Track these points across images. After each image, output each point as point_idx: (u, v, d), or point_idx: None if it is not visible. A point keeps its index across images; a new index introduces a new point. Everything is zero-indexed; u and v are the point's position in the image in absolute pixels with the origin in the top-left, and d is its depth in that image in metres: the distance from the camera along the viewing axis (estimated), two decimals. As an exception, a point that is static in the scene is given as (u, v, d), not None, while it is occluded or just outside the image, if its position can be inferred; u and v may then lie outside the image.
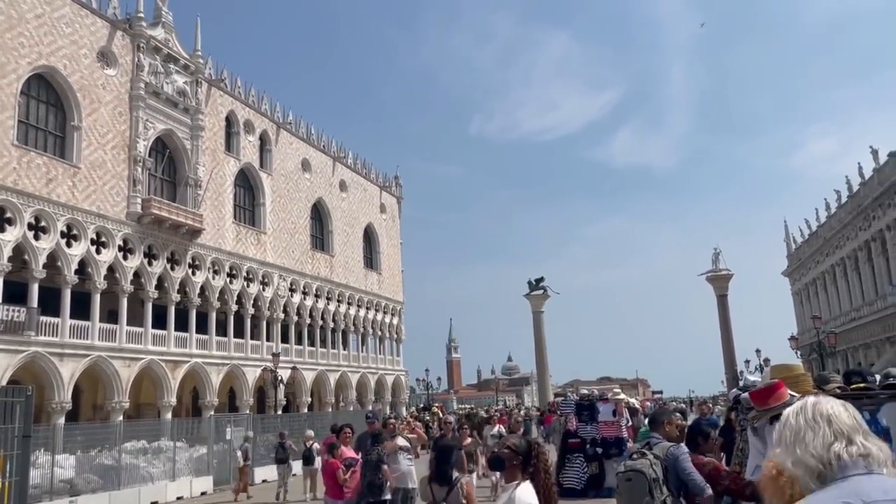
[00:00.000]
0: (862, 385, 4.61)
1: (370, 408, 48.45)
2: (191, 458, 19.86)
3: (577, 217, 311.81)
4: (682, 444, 5.01)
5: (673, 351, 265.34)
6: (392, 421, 10.90)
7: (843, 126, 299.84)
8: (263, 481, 21.32)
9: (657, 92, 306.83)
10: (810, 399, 1.74)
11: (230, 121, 41.60)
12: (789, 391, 4.48)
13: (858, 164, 46.02)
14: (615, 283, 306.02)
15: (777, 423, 4.49)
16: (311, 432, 18.72)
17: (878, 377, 4.72)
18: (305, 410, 42.32)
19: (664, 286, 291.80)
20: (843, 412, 1.66)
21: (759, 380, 5.14)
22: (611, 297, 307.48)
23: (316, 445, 16.83)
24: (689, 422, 6.91)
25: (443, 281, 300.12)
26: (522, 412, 40.12)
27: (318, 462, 15.96)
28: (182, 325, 35.79)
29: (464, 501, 5.64)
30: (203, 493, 19.32)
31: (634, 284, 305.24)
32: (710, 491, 4.82)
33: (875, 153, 42.77)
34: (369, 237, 57.06)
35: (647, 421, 5.94)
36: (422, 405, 48.64)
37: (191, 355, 35.85)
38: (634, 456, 4.86)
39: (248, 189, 43.30)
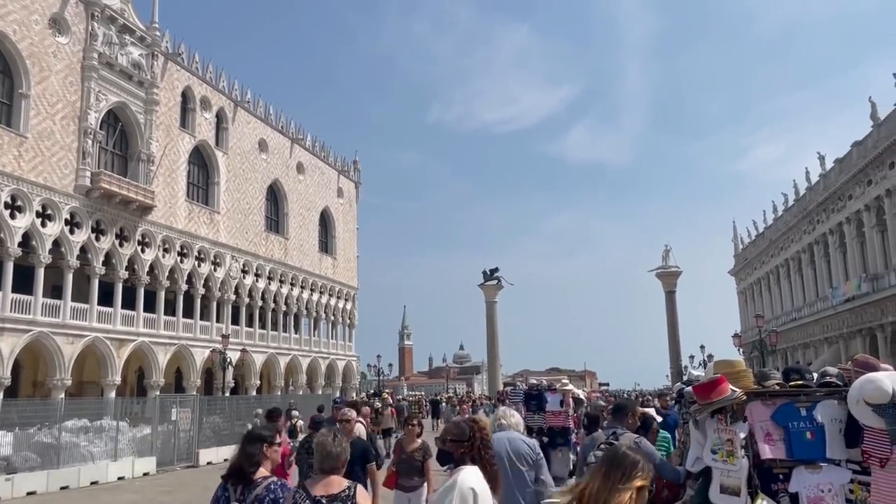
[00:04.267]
0: (800, 382, 4.77)
1: (319, 392, 48.27)
2: (134, 438, 19.51)
3: (532, 210, 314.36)
4: (644, 438, 5.15)
5: (621, 344, 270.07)
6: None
7: (791, 131, 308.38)
8: (209, 463, 21.10)
9: (613, 90, 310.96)
10: None
11: (186, 96, 40.67)
12: (731, 386, 4.64)
13: (806, 168, 47.55)
14: (567, 276, 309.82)
15: (718, 416, 4.62)
16: (296, 412, 18.70)
17: (815, 375, 4.90)
18: (254, 393, 41.90)
19: (615, 281, 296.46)
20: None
21: (703, 374, 5.30)
22: (562, 290, 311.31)
23: (300, 423, 16.72)
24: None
25: (398, 268, 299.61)
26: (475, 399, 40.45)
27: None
28: (129, 303, 35.02)
29: None
30: (146, 474, 19.02)
31: (586, 278, 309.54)
32: (681, 478, 4.96)
33: (822, 159, 44.19)
34: (325, 221, 56.58)
35: (611, 411, 6.08)
36: (372, 391, 48.61)
37: (137, 334, 35.13)
38: (603, 446, 4.96)
39: (202, 167, 42.47)
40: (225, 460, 21.72)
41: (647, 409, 7.96)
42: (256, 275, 46.13)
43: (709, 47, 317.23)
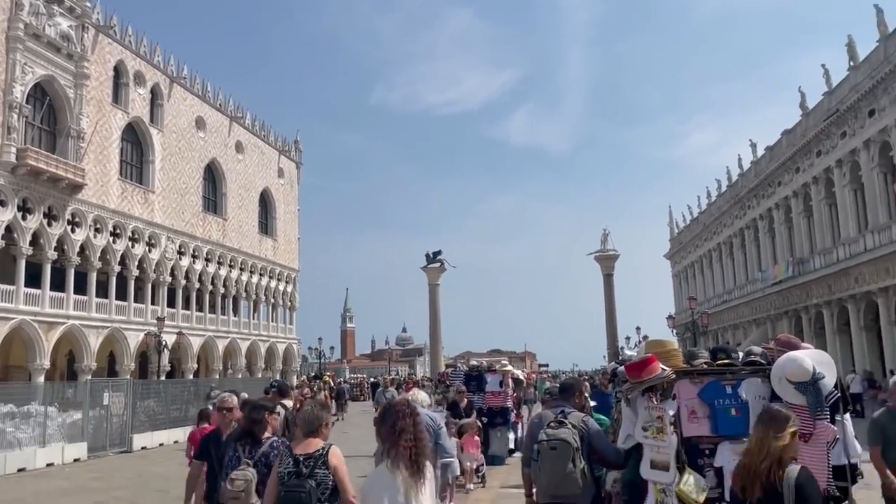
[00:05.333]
0: (726, 361, 4.95)
1: (259, 375, 47.65)
2: (63, 424, 18.89)
3: (475, 193, 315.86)
4: (591, 417, 5.24)
5: (560, 326, 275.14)
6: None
7: (725, 119, 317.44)
8: (143, 448, 20.64)
9: (555, 75, 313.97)
10: None
11: (119, 71, 39.16)
12: (661, 365, 4.77)
13: (738, 155, 49.03)
14: (509, 259, 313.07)
15: (649, 394, 4.75)
16: (217, 390, 18.23)
17: (740, 354, 5.08)
18: (191, 377, 41.08)
19: (554, 264, 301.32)
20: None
21: (635, 354, 5.43)
22: (504, 273, 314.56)
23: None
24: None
25: (340, 250, 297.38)
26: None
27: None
28: (58, 284, 33.76)
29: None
30: (76, 460, 18.47)
31: (527, 261, 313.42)
32: (622, 461, 5.08)
33: (754, 146, 45.66)
34: (265, 202, 55.59)
35: (558, 389, 6.19)
36: (313, 374, 48.27)
37: (67, 317, 33.94)
38: (553, 425, 5.02)
39: (136, 144, 41.08)
40: (161, 445, 21.32)
41: None
42: (193, 256, 45.07)
43: (647, 35, 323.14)
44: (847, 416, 4.87)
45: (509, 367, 17.03)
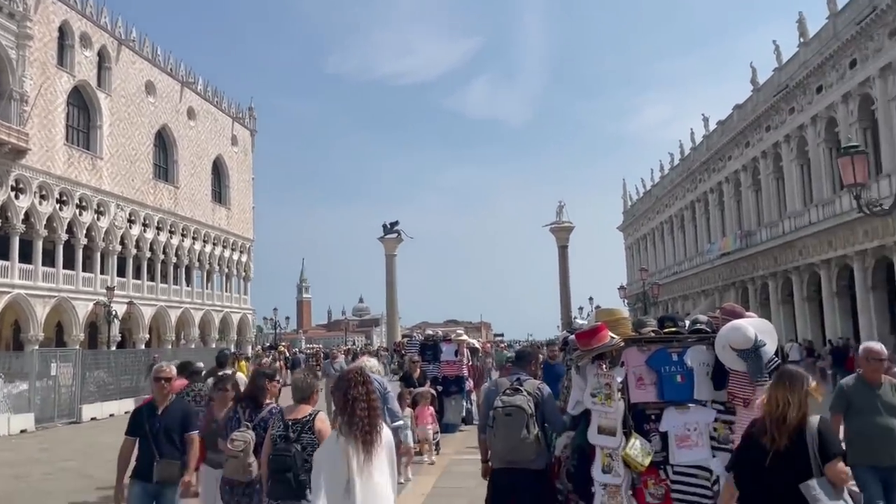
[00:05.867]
0: (673, 329, 5.09)
1: (213, 346, 47.16)
2: (9, 395, 18.47)
3: (432, 164, 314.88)
4: (546, 385, 5.36)
5: (515, 297, 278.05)
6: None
7: (679, 93, 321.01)
8: (93, 419, 20.34)
9: (513, 46, 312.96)
10: None
11: (64, 32, 37.65)
12: (610, 333, 4.89)
13: (691, 130, 49.80)
14: (465, 230, 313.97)
15: (598, 362, 4.86)
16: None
17: (687, 323, 5.23)
18: (143, 347, 40.43)
19: (510, 235, 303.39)
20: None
21: (586, 323, 5.56)
22: (461, 244, 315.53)
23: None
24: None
25: (296, 220, 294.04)
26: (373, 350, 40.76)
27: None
28: (2, 253, 32.73)
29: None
30: (23, 431, 18.11)
31: (483, 232, 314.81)
32: (565, 429, 5.22)
33: (706, 121, 46.39)
34: (219, 170, 54.51)
35: (514, 357, 6.30)
36: (268, 344, 47.98)
37: (12, 286, 32.96)
38: (508, 392, 5.11)
39: (83, 109, 39.73)
40: (111, 415, 21.00)
41: None
42: (144, 225, 44.07)
43: (604, 7, 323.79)
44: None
45: (464, 337, 17.17)
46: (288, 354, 36.74)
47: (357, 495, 3.57)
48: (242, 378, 10.59)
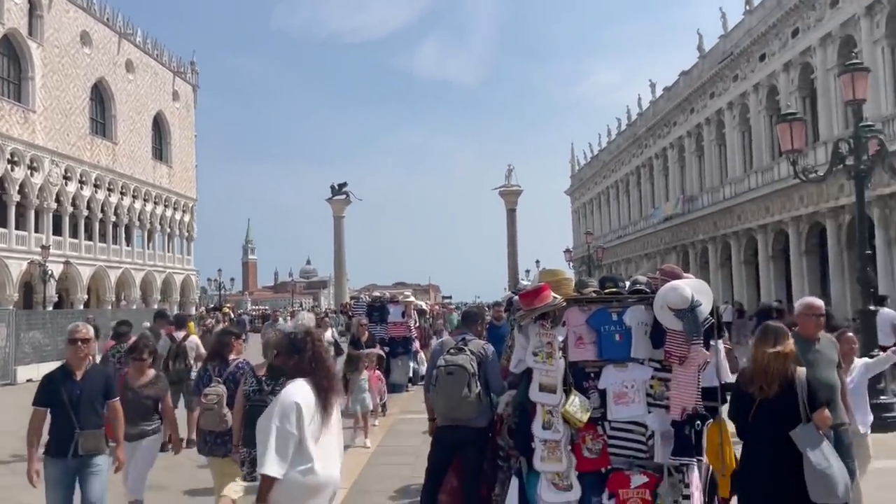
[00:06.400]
0: (613, 290, 5.20)
1: (155, 307, 46.22)
2: (-62, 357, 17.85)
3: (382, 125, 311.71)
4: (490, 345, 5.43)
5: (464, 259, 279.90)
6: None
7: (627, 59, 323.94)
8: (28, 381, 19.84)
9: (464, 6, 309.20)
10: None
11: (-11, -25, 35.60)
12: (553, 293, 4.96)
13: (638, 95, 50.32)
14: (415, 192, 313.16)
15: (541, 321, 4.93)
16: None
17: (627, 283, 5.35)
18: (81, 308, 39.36)
19: (460, 198, 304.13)
20: None
21: (529, 284, 5.63)
22: (410, 206, 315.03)
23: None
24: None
25: (241, 179, 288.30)
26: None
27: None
28: (-73, 209, 31.25)
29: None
30: (-46, 395, 17.55)
31: (432, 195, 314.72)
32: (504, 392, 5.31)
33: (653, 87, 46.91)
34: (159, 126, 52.79)
35: (460, 318, 6.40)
36: (212, 306, 47.27)
37: (-61, 244, 31.58)
38: (452, 351, 5.17)
39: (12, 59, 37.79)
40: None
41: None
42: (81, 182, 42.55)
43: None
44: (721, 341, 5.26)
45: (412, 299, 17.27)
46: (233, 316, 36.32)
47: (318, 450, 3.51)
48: (195, 340, 10.50)
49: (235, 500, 5.69)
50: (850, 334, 6.00)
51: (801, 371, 4.12)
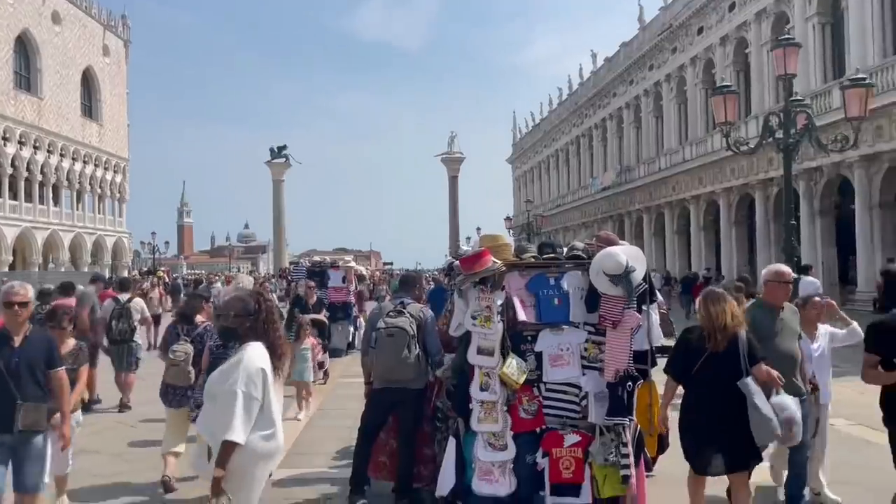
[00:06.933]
0: (551, 255, 5.32)
1: (85, 269, 44.78)
2: None
3: (324, 88, 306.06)
4: (429, 308, 5.47)
5: (405, 226, 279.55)
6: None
7: (570, 28, 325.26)
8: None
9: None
10: None
11: None
12: (493, 258, 5.05)
13: (579, 65, 50.71)
14: (356, 157, 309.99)
15: (481, 286, 5.01)
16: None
17: (564, 249, 5.48)
18: (6, 270, 37.78)
19: (402, 164, 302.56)
20: None
21: (470, 249, 5.70)
22: (352, 172, 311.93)
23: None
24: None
25: (176, 140, 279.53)
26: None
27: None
28: None
29: None
30: None
31: (374, 160, 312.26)
32: (443, 356, 5.38)
33: (594, 57, 47.31)
34: (89, 82, 50.50)
35: (399, 283, 6.42)
36: (146, 269, 46.03)
37: None
38: (391, 314, 5.20)
39: (-75, 5, 35.46)
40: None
41: None
42: (4, 138, 40.49)
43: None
44: (653, 306, 5.45)
45: (352, 264, 17.21)
46: (167, 280, 35.51)
47: (275, 415, 3.48)
48: (140, 303, 10.28)
49: (179, 454, 5.90)
50: (818, 298, 5.84)
51: (743, 331, 4.58)
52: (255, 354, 3.42)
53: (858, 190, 21.76)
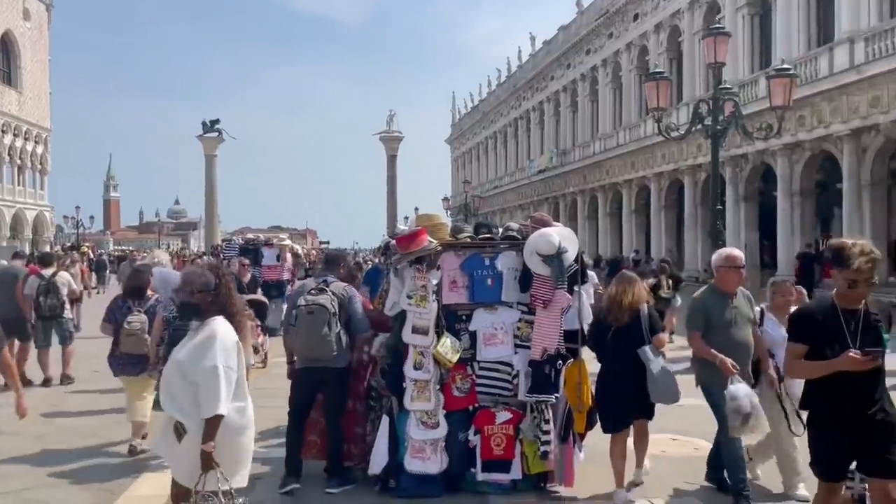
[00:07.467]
0: (487, 235, 5.39)
1: (4, 244, 42.75)
2: None
3: (259, 62, 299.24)
4: (352, 286, 5.42)
5: (343, 204, 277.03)
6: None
7: (510, 9, 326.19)
8: None
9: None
10: None
11: None
12: (429, 238, 5.07)
13: (518, 47, 50.90)
14: (293, 133, 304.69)
15: (416, 265, 5.02)
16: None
17: (500, 230, 5.55)
18: (-85, 245, 35.75)
19: (340, 142, 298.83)
20: None
21: (406, 228, 5.70)
22: (288, 148, 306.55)
23: None
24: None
25: (102, 111, 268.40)
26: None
27: None
28: None
29: None
30: None
31: (312, 137, 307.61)
32: (370, 332, 5.35)
33: (533, 40, 47.57)
34: (7, 47, 47.82)
35: (322, 261, 6.33)
36: (69, 244, 44.30)
37: None
38: (313, 292, 5.12)
39: None
40: None
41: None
42: (-88, 105, 38.10)
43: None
44: (588, 286, 5.60)
45: (287, 242, 16.96)
46: (92, 256, 34.33)
47: (247, 388, 3.54)
48: (67, 277, 10.03)
49: (146, 422, 6.25)
50: (789, 284, 5.60)
51: (645, 306, 5.14)
52: (227, 328, 3.43)
53: (780, 177, 22.66)
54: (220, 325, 3.41)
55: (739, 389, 4.49)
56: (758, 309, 5.25)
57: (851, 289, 3.41)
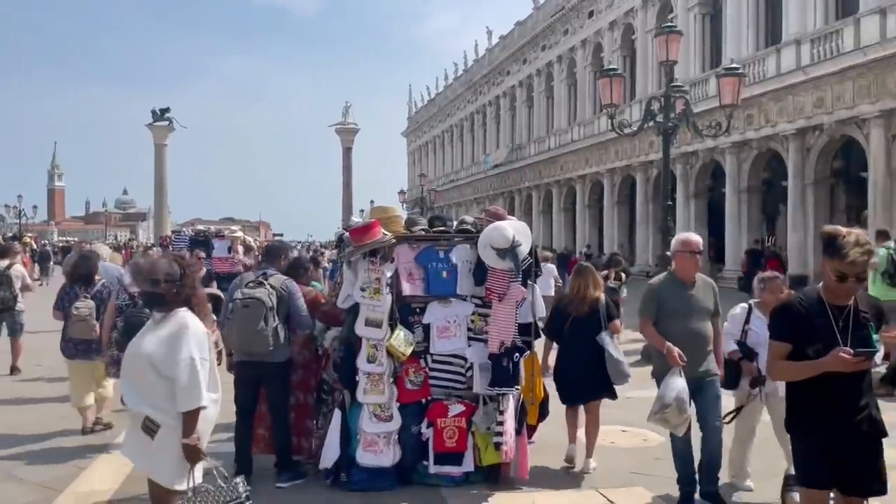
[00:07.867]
0: (441, 228, 5.37)
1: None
2: None
3: (212, 51, 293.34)
4: (293, 281, 5.32)
5: (297, 197, 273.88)
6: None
7: (467, 3, 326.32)
8: None
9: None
10: None
11: None
12: (383, 230, 5.04)
13: (475, 42, 50.94)
14: (246, 124, 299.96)
15: (370, 258, 4.98)
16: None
17: (454, 223, 5.54)
18: None
19: (294, 134, 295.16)
20: None
21: (360, 220, 5.66)
22: (241, 139, 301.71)
23: None
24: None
25: (46, 98, 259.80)
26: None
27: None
28: None
29: None
30: None
31: (265, 128, 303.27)
32: (311, 327, 5.27)
33: (490, 34, 47.68)
34: (-57, 29, 45.91)
35: (262, 254, 6.21)
36: (10, 235, 42.83)
37: None
38: (251, 285, 5.03)
39: None
40: None
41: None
42: None
43: None
44: (543, 279, 5.66)
45: (239, 233, 16.68)
46: (35, 247, 33.30)
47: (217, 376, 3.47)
48: (21, 269, 9.73)
49: (90, 406, 6.37)
50: (779, 280, 5.20)
51: (603, 296, 5.67)
52: (195, 319, 3.40)
53: (729, 174, 23.20)
54: (189, 317, 3.38)
55: (676, 382, 4.34)
56: (745, 305, 5.07)
57: (841, 282, 3.04)
